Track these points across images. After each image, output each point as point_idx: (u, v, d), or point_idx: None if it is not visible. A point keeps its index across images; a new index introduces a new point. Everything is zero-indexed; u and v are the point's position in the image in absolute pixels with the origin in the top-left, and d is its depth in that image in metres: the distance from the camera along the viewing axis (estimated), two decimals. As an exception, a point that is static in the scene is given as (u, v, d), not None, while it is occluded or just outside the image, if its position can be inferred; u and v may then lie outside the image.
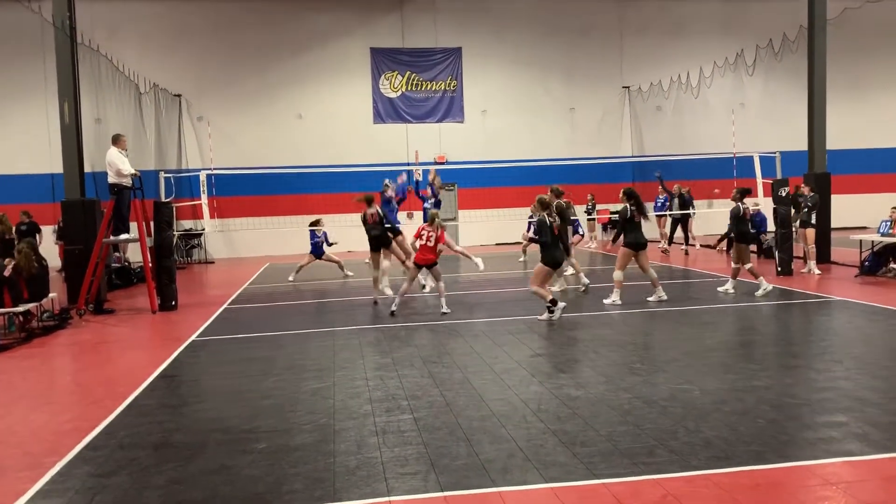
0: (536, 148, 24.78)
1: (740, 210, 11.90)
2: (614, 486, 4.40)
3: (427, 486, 4.49)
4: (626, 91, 26.05)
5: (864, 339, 8.32)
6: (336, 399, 6.51)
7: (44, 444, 5.60)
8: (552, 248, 9.70)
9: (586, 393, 6.41)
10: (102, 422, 6.10)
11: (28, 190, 21.89)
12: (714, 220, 22.92)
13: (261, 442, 5.42)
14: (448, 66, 25.04)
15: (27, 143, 22.06)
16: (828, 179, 15.69)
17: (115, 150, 12.50)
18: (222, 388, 7.16)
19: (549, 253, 9.77)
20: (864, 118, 25.83)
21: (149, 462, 5.10)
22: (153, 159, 20.92)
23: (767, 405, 5.87)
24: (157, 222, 12.73)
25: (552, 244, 9.71)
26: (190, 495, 4.49)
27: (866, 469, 4.56)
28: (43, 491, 4.67)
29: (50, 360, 9.16)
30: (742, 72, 22.36)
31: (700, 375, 6.88)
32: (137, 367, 8.27)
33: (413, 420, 5.80)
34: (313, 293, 14.29)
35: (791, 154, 18.09)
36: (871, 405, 5.77)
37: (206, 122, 23.78)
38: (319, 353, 8.51)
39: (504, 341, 8.84)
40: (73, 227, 13.42)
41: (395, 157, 24.27)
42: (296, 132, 24.26)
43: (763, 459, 4.74)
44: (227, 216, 22.99)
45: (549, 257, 9.76)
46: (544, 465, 4.74)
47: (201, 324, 10.95)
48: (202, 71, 23.75)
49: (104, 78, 17.42)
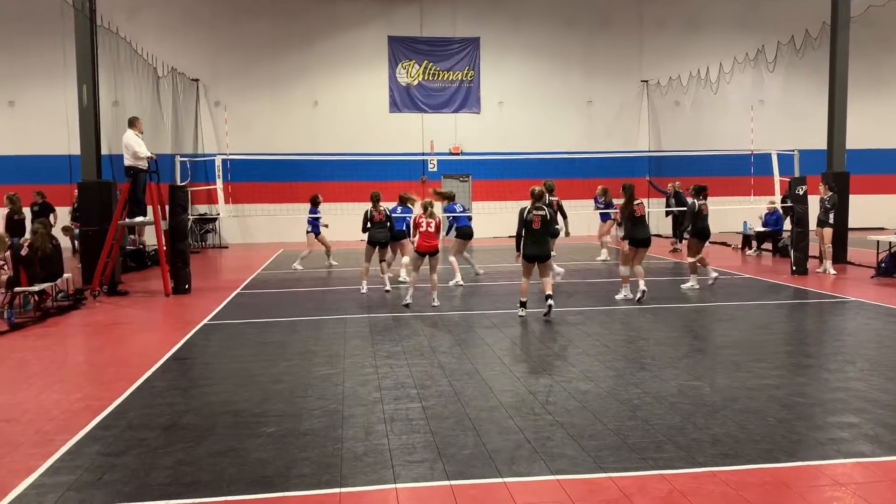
0: (552, 140, 24.67)
1: (695, 206, 12.19)
2: (621, 480, 4.39)
3: (434, 475, 4.50)
4: (644, 85, 25.87)
5: (879, 341, 8.24)
6: (346, 386, 6.53)
7: (55, 422, 5.65)
8: (526, 243, 9.42)
9: (596, 387, 6.40)
10: (113, 402, 6.15)
11: (45, 171, 22.05)
12: (723, 217, 22.77)
13: (270, 426, 5.44)
14: (466, 56, 24.94)
15: (45, 125, 22.21)
16: (846, 179, 15.53)
17: (132, 132, 12.57)
18: (233, 371, 7.20)
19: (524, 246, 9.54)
20: (885, 118, 25.52)
21: (158, 443, 5.14)
22: (170, 143, 21.01)
23: (778, 404, 5.83)
24: (173, 206, 12.79)
25: (526, 238, 9.40)
26: (198, 476, 4.53)
27: (877, 471, 4.52)
28: (53, 468, 4.72)
29: (63, 339, 9.24)
30: (762, 68, 22.14)
31: (711, 372, 6.84)
32: (150, 348, 8.33)
33: (421, 409, 5.81)
34: (325, 281, 14.33)
35: (810, 152, 17.89)
36: (883, 407, 5.72)
37: (222, 108, 23.84)
38: (330, 340, 8.53)
39: (514, 333, 8.83)
40: (89, 209, 13.51)
41: (411, 147, 24.26)
42: (311, 119, 24.28)
43: (772, 458, 4.71)
44: (242, 202, 23.06)
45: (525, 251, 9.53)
46: (551, 458, 4.74)
47: (214, 307, 11.01)
48: (220, 56, 23.80)
49: (123, 61, 17.49)
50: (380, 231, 12.18)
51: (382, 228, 12.20)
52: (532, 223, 9.35)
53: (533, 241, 9.41)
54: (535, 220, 9.35)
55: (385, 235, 12.24)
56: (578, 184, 21.43)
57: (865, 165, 23.36)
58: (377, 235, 12.16)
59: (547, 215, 9.45)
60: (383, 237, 12.21)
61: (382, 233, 12.20)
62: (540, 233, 9.40)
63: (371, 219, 12.17)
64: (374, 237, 12.16)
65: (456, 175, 24.69)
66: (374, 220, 12.16)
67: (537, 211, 9.37)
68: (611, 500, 4.13)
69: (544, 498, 4.18)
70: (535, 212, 9.35)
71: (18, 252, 10.44)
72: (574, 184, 21.54)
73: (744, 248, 18.99)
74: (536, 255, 9.43)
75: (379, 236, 12.18)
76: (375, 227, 12.16)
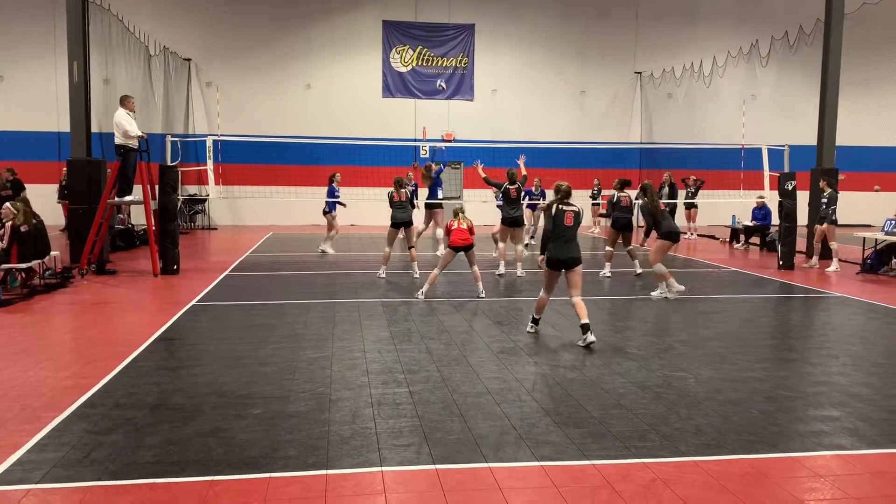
0: (545, 130, 24.69)
1: (614, 196, 12.96)
2: (604, 467, 4.44)
3: (420, 459, 4.54)
4: (638, 77, 25.88)
5: (862, 336, 8.34)
6: (333, 369, 6.55)
7: (42, 399, 5.65)
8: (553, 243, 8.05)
9: (582, 375, 6.45)
10: (101, 380, 6.16)
11: (35, 147, 21.89)
12: (717, 210, 22.90)
13: (257, 407, 5.47)
14: (460, 43, 24.87)
15: (34, 101, 22.01)
16: (835, 175, 15.62)
17: (123, 111, 12.49)
18: (221, 352, 7.21)
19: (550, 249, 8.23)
20: (876, 116, 25.65)
21: (145, 422, 5.15)
22: (160, 123, 20.89)
23: (761, 396, 5.91)
24: (162, 186, 12.72)
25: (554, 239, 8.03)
26: (184, 456, 4.55)
27: (855, 463, 4.59)
28: (40, 444, 4.73)
29: (51, 317, 9.21)
30: (756, 63, 22.21)
31: (695, 364, 6.91)
32: (137, 328, 8.32)
33: (409, 393, 5.84)
34: (315, 265, 14.32)
35: (800, 148, 17.98)
36: (864, 401, 5.81)
37: (214, 88, 23.69)
38: (319, 324, 8.55)
39: (503, 321, 8.87)
40: (78, 187, 13.43)
41: (403, 133, 24.21)
42: (304, 103, 24.17)
43: (753, 449, 4.78)
44: (232, 183, 22.96)
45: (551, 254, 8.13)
46: (536, 444, 4.79)
47: (203, 289, 10.99)
48: (213, 37, 23.62)
49: (114, 38, 17.34)
50: (400, 211, 12.33)
51: (403, 209, 12.35)
52: (564, 219, 7.87)
53: (563, 240, 7.85)
54: (567, 215, 7.88)
55: (406, 216, 12.37)
56: (570, 174, 21.44)
57: (854, 162, 23.49)
58: (398, 216, 12.33)
59: (580, 213, 8.14)
60: (404, 217, 12.34)
61: (403, 213, 12.35)
62: (572, 231, 7.91)
63: (391, 199, 12.37)
64: (395, 217, 12.34)
65: (448, 162, 24.65)
66: (392, 201, 12.34)
67: (568, 207, 7.96)
68: (594, 486, 4.19)
69: (529, 484, 4.23)
70: (566, 208, 7.94)
71: (18, 228, 10.42)
72: (565, 174, 21.56)
73: (731, 242, 19.12)
74: (565, 258, 7.83)
75: (400, 216, 12.33)
76: (396, 208, 12.33)
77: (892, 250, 13.49)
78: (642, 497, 4.05)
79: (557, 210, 7.89)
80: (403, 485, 4.20)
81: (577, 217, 7.99)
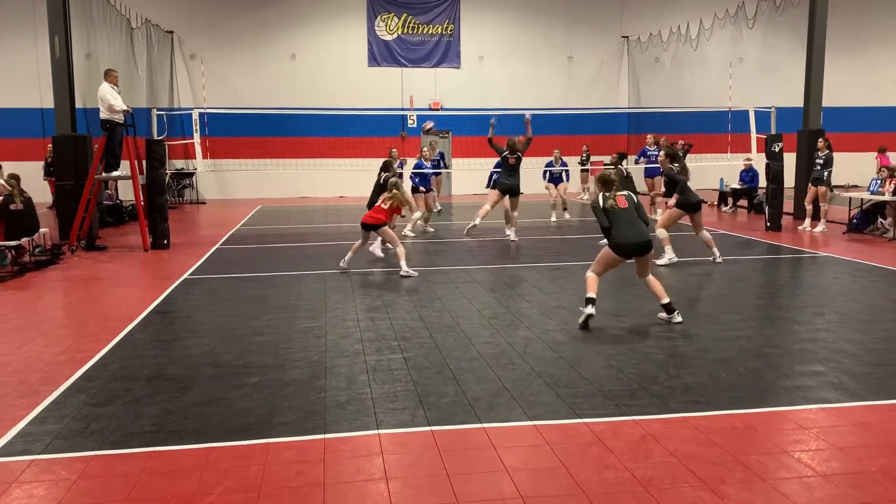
0: (533, 96, 24.55)
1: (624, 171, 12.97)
2: (595, 425, 4.55)
3: (415, 421, 4.63)
4: (625, 41, 25.75)
5: (848, 294, 8.47)
6: (328, 338, 6.62)
7: (39, 374, 5.70)
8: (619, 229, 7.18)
9: (572, 338, 6.55)
10: (97, 354, 6.20)
11: (18, 124, 21.65)
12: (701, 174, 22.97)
13: (253, 377, 5.54)
14: (446, 10, 24.63)
15: (17, 77, 21.69)
16: (821, 136, 15.67)
17: (107, 85, 12.38)
18: (215, 324, 7.26)
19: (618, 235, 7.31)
20: (862, 76, 25.69)
21: (142, 393, 5.22)
22: (145, 97, 20.67)
23: (748, 354, 6.02)
24: (150, 160, 12.66)
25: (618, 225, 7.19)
26: (182, 425, 4.62)
27: (839, 416, 4.72)
28: (40, 417, 4.79)
29: (43, 294, 9.22)
30: (742, 25, 22.12)
31: (684, 325, 7.01)
32: (130, 302, 8.36)
33: (403, 360, 5.93)
34: (305, 236, 14.33)
35: (787, 110, 18.03)
36: (849, 356, 5.93)
37: (198, 61, 23.43)
38: (311, 294, 8.60)
39: (495, 287, 8.96)
40: (65, 163, 13.34)
41: (390, 102, 24.06)
42: (289, 73, 23.95)
43: (741, 405, 4.90)
44: (220, 157, 22.81)
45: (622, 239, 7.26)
46: (529, 405, 4.89)
47: (194, 262, 11.01)
48: (195, 7, 23.30)
49: (95, 12, 17.10)
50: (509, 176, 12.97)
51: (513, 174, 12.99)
52: (617, 203, 7.13)
53: (628, 222, 7.09)
54: (619, 199, 7.15)
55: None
56: (559, 140, 21.43)
57: (841, 123, 23.57)
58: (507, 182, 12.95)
59: (633, 196, 7.37)
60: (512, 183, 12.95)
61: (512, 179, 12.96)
62: (629, 212, 7.13)
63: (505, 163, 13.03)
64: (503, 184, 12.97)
65: (436, 131, 24.57)
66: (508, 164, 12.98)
67: (618, 192, 7.26)
68: (586, 443, 4.29)
69: (522, 442, 4.33)
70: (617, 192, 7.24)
71: (7, 206, 10.38)
72: (554, 140, 21.54)
73: (720, 205, 19.24)
74: (635, 244, 7.03)
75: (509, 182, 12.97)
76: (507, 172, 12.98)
77: (878, 210, 13.62)
78: (632, 452, 4.16)
79: (607, 201, 7.16)
80: (400, 446, 4.29)
81: (630, 198, 7.24)
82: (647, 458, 4.09)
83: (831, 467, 3.98)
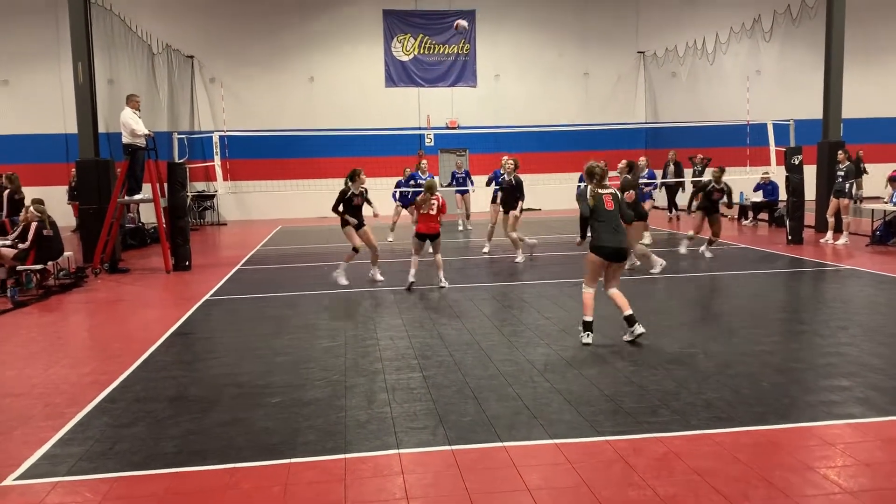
0: (549, 113, 24.60)
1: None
2: (617, 442, 4.52)
3: (435, 440, 4.62)
4: (641, 56, 25.76)
5: (872, 307, 8.37)
6: (348, 357, 6.65)
7: (64, 396, 5.77)
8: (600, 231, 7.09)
9: (592, 355, 6.52)
10: (120, 376, 6.27)
11: (43, 150, 22.03)
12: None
13: (275, 396, 5.56)
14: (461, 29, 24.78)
15: (40, 104, 22.13)
16: (842, 148, 15.55)
17: (129, 110, 12.58)
18: (236, 345, 7.32)
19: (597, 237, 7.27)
20: (881, 87, 25.47)
21: (165, 414, 5.26)
22: (166, 120, 20.97)
23: (771, 369, 5.96)
24: (171, 183, 12.83)
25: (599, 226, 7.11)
26: (206, 445, 4.65)
27: (866, 431, 4.65)
28: (65, 439, 4.84)
29: (67, 316, 9.35)
30: (759, 38, 22.04)
31: (706, 340, 6.96)
32: (153, 324, 8.44)
33: (422, 378, 5.93)
34: (325, 256, 14.39)
35: (805, 122, 17.91)
36: (875, 370, 5.85)
37: (218, 84, 23.76)
38: (331, 314, 8.65)
39: (513, 304, 8.95)
40: (88, 187, 13.55)
41: (407, 122, 24.21)
42: (308, 95, 24.20)
43: (764, 420, 4.84)
44: (240, 179, 23.04)
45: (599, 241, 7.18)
46: (549, 423, 4.87)
47: (215, 283, 11.11)
48: (214, 33, 23.66)
49: (117, 38, 17.39)
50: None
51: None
52: (604, 203, 7.02)
53: (611, 227, 7.01)
54: (606, 199, 7.04)
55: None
56: (575, 157, 21.43)
57: (861, 135, 23.36)
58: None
59: (618, 195, 7.28)
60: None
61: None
62: (614, 216, 7.05)
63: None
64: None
65: (453, 149, 24.68)
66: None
67: (605, 190, 7.12)
68: (607, 461, 4.26)
69: (543, 460, 4.31)
70: (603, 191, 7.09)
71: (41, 231, 10.56)
72: (571, 157, 21.59)
73: (740, 219, 19.11)
74: (616, 248, 7.01)
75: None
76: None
77: (901, 221, 13.46)
78: (655, 470, 4.12)
79: (593, 194, 7.04)
80: (420, 465, 4.29)
81: (616, 198, 7.15)
82: (670, 475, 4.05)
83: (858, 483, 3.92)
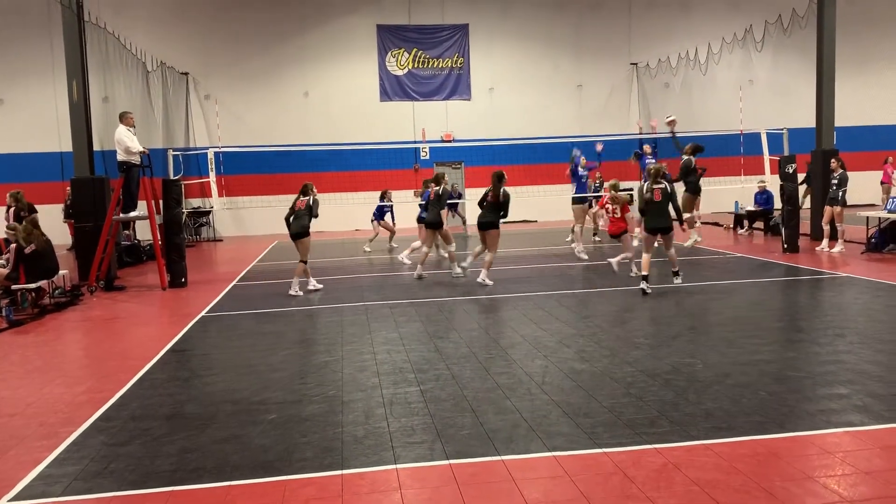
0: (544, 125, 24.72)
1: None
2: (616, 454, 4.49)
3: (433, 455, 4.59)
4: (634, 67, 25.90)
5: (868, 315, 8.37)
6: (344, 372, 6.62)
7: (59, 415, 5.73)
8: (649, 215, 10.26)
9: (590, 366, 6.50)
10: (115, 394, 6.23)
11: (38, 168, 22.03)
12: (715, 197, 22.90)
13: (271, 413, 5.53)
14: (455, 44, 24.94)
15: (35, 122, 22.17)
16: (835, 156, 15.61)
17: (124, 127, 12.58)
18: (232, 361, 7.28)
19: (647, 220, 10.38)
20: (873, 95, 25.64)
21: (161, 432, 5.22)
22: (161, 137, 21.01)
23: (770, 378, 5.94)
24: (167, 200, 12.82)
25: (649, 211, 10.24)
26: (202, 463, 4.61)
27: (865, 439, 4.63)
28: (59, 459, 4.80)
29: (63, 335, 9.30)
30: (751, 48, 22.21)
31: (703, 350, 6.95)
32: (148, 341, 8.40)
33: (419, 392, 5.90)
34: (321, 271, 14.37)
35: (799, 131, 18.02)
36: (873, 378, 5.84)
37: (213, 100, 23.82)
38: (328, 329, 8.62)
39: (509, 317, 8.93)
40: (83, 205, 13.53)
41: (402, 135, 24.28)
42: (302, 110, 24.27)
43: (763, 430, 4.82)
44: (235, 194, 23.08)
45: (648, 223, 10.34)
46: (548, 435, 4.84)
47: (211, 300, 11.08)
48: (209, 49, 23.75)
49: (111, 56, 17.45)
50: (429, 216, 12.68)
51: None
52: (654, 196, 10.10)
53: (657, 213, 10.14)
54: (655, 192, 10.09)
55: (432, 216, 12.51)
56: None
57: (854, 143, 23.49)
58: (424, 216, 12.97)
59: (667, 189, 10.13)
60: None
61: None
62: (662, 205, 10.12)
63: (428, 198, 12.89)
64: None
65: (448, 162, 24.74)
66: (430, 200, 12.71)
67: (657, 185, 10.11)
68: (606, 473, 4.24)
69: (541, 474, 4.28)
70: (655, 186, 10.10)
71: (22, 250, 10.51)
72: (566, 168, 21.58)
73: (735, 228, 19.14)
74: (659, 226, 10.15)
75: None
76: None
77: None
78: (654, 481, 4.10)
79: (648, 191, 10.16)
80: (418, 481, 4.26)
81: (665, 192, 10.07)
82: (669, 487, 4.03)
83: (858, 492, 3.90)
